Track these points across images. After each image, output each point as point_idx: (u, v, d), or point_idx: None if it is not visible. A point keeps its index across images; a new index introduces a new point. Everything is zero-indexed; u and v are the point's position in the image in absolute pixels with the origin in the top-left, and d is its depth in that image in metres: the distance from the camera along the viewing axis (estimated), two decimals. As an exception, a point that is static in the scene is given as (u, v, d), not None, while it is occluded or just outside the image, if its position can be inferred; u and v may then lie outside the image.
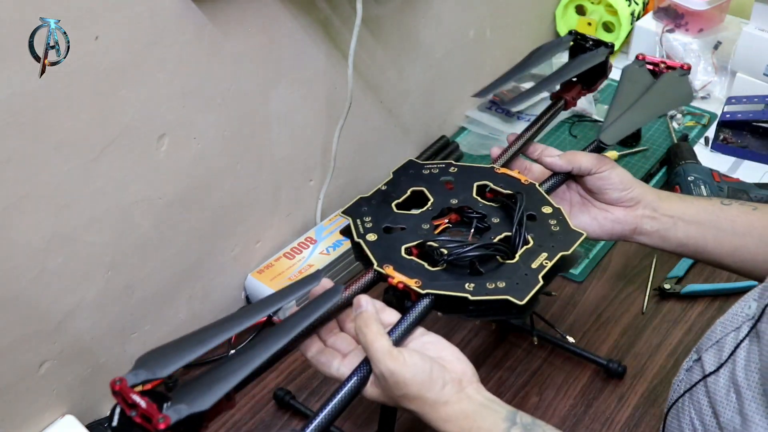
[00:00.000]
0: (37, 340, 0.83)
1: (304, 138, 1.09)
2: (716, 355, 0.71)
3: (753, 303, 0.69)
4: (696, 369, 0.73)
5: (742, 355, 0.67)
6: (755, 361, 0.65)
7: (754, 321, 0.67)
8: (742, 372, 0.66)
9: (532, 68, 0.97)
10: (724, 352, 0.69)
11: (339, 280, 1.14)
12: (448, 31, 1.29)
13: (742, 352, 0.67)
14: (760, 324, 0.65)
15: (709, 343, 0.73)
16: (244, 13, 0.90)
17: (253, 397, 0.99)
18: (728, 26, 1.52)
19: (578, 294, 1.12)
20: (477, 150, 1.40)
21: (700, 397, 0.70)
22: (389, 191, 0.84)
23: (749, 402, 0.64)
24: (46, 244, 0.80)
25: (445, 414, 0.64)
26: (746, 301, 0.71)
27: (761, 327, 0.65)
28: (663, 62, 0.97)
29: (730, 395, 0.66)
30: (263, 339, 0.58)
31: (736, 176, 1.27)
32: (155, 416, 0.51)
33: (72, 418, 0.90)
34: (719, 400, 0.67)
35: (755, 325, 0.66)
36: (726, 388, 0.67)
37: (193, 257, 1.00)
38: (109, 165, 0.82)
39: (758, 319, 0.66)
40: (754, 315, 0.68)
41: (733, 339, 0.70)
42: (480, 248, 0.73)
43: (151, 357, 0.56)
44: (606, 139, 0.88)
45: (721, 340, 0.71)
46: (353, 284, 0.73)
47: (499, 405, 0.66)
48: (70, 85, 0.75)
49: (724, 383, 0.67)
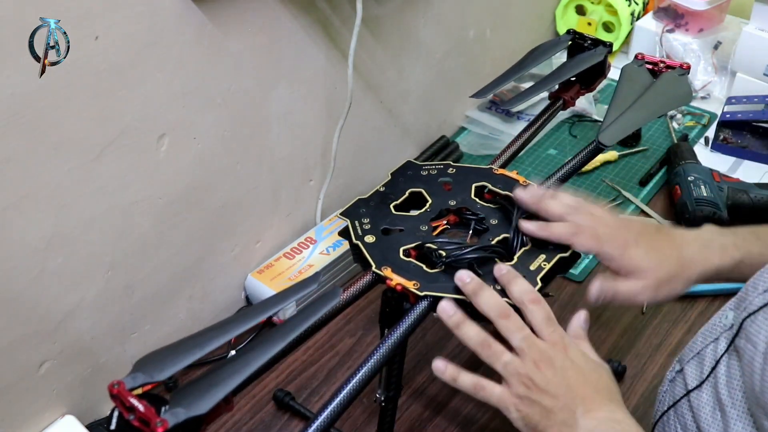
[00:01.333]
0: (37, 340, 0.83)
1: (304, 138, 1.09)
2: (698, 368, 0.69)
3: (730, 313, 0.68)
4: (679, 381, 0.72)
5: (722, 370, 0.66)
6: (737, 379, 0.64)
7: (732, 334, 0.66)
8: (725, 389, 0.64)
9: (531, 68, 0.97)
10: (705, 366, 0.68)
11: (339, 280, 1.14)
12: (448, 31, 1.29)
13: (722, 368, 0.66)
14: (739, 340, 0.64)
15: (691, 354, 0.72)
16: (244, 13, 0.90)
17: (253, 398, 0.99)
18: (728, 26, 1.52)
19: (578, 294, 1.12)
20: (477, 150, 1.40)
21: (685, 412, 0.69)
22: (387, 192, 0.84)
23: (735, 421, 0.62)
24: (46, 244, 0.80)
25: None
26: (723, 311, 0.70)
27: (740, 344, 0.64)
28: (662, 61, 0.97)
29: (716, 413, 0.65)
30: (262, 341, 0.58)
31: (736, 176, 1.27)
32: (153, 420, 0.51)
33: (72, 418, 0.90)
34: (704, 417, 0.66)
35: (733, 340, 0.65)
36: (710, 405, 0.66)
37: (193, 257, 1.00)
38: (109, 165, 0.82)
39: (736, 334, 0.65)
40: (731, 325, 0.67)
41: (712, 351, 0.68)
42: (478, 250, 0.74)
43: (150, 360, 0.56)
44: (605, 139, 0.88)
45: (701, 351, 0.70)
46: (351, 286, 0.73)
47: None
48: (70, 85, 0.75)
49: (708, 399, 0.66)
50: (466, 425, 0.96)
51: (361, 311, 1.11)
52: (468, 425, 0.96)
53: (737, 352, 0.64)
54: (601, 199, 1.28)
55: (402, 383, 0.84)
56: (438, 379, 1.02)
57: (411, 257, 0.75)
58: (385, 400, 0.83)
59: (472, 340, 0.67)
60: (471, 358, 0.77)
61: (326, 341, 1.07)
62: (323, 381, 1.02)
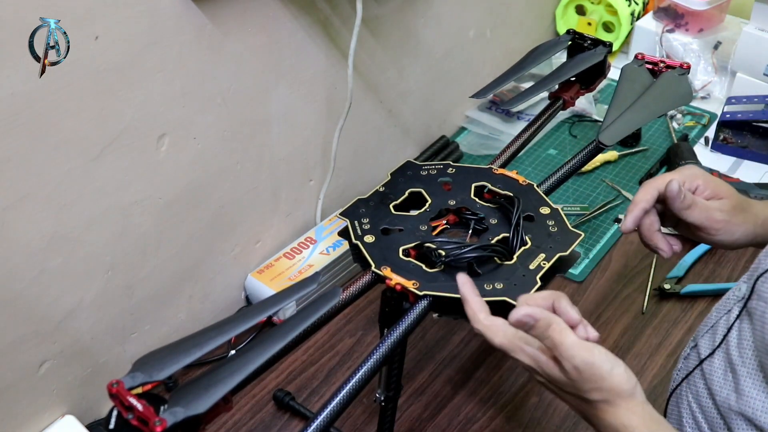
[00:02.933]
0: (37, 340, 0.83)
1: (304, 138, 1.09)
2: (710, 339, 0.71)
3: (743, 285, 0.70)
4: (692, 356, 0.74)
5: (734, 335, 0.67)
6: (747, 339, 0.65)
7: (745, 301, 0.68)
8: (736, 350, 0.66)
9: (531, 68, 0.97)
10: (717, 336, 0.70)
11: (339, 280, 1.14)
12: (448, 31, 1.29)
13: (734, 333, 0.68)
14: (751, 302, 0.66)
15: (705, 329, 0.73)
16: (244, 12, 0.91)
17: (253, 397, 0.99)
18: (728, 26, 1.52)
19: (578, 294, 1.12)
20: (477, 150, 1.40)
21: (697, 381, 0.71)
22: (387, 192, 0.84)
23: (745, 378, 0.64)
24: (46, 244, 0.80)
25: (638, 410, 0.60)
26: (738, 284, 0.72)
27: (751, 305, 0.66)
28: (662, 61, 0.97)
29: (727, 375, 0.67)
30: (262, 341, 0.58)
31: (736, 176, 1.27)
32: (152, 419, 0.51)
33: (72, 418, 0.90)
34: (716, 380, 0.67)
35: (746, 305, 0.67)
36: (722, 369, 0.68)
37: (193, 257, 1.00)
38: (109, 165, 0.83)
39: (748, 298, 0.67)
40: (744, 296, 0.69)
41: (725, 321, 0.70)
42: (478, 249, 0.73)
43: (149, 360, 0.56)
44: (605, 139, 0.88)
45: (714, 324, 0.72)
46: (351, 286, 0.73)
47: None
48: (70, 85, 0.75)
49: (719, 364, 0.68)
50: (466, 425, 0.96)
51: (361, 311, 1.11)
52: (468, 425, 0.96)
53: (749, 314, 0.66)
54: (601, 199, 1.28)
55: (402, 383, 0.84)
56: (438, 378, 1.03)
57: (410, 257, 0.75)
58: (385, 400, 0.83)
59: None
60: (471, 357, 0.77)
61: (326, 341, 1.07)
62: (323, 381, 1.02)
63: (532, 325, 0.61)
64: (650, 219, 0.76)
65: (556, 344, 0.60)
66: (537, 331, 0.60)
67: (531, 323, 0.61)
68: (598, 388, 0.60)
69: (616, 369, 0.60)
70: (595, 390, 0.60)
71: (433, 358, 1.04)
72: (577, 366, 0.59)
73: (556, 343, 0.60)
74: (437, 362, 1.04)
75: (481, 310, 0.65)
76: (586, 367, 0.59)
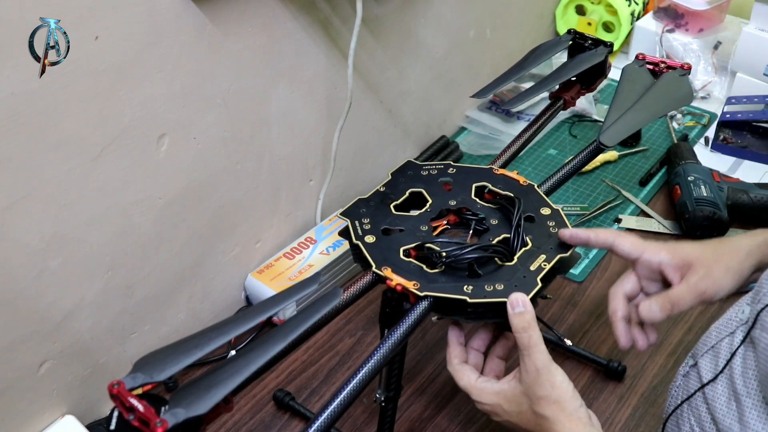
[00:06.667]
0: (37, 340, 0.83)
1: (304, 138, 1.09)
2: (713, 362, 0.70)
3: (746, 307, 0.70)
4: (693, 375, 0.73)
5: (738, 362, 0.67)
6: (752, 369, 0.65)
7: (749, 327, 0.67)
8: (741, 379, 0.65)
9: (531, 68, 0.97)
10: (720, 359, 0.69)
11: (339, 280, 1.14)
12: (448, 31, 1.29)
13: (738, 359, 0.67)
14: (754, 331, 0.65)
15: (705, 348, 0.73)
16: (244, 13, 0.90)
17: (253, 398, 0.99)
18: (728, 26, 1.52)
19: (578, 294, 1.12)
20: (477, 150, 1.40)
21: (699, 404, 0.70)
22: (388, 192, 0.84)
23: (750, 410, 0.64)
24: (46, 244, 0.80)
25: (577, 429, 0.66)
26: (740, 305, 0.71)
27: (755, 334, 0.65)
28: (663, 62, 0.97)
29: (731, 404, 0.66)
30: (262, 342, 0.58)
31: (736, 176, 1.27)
32: (153, 420, 0.51)
33: (72, 418, 0.90)
34: (719, 408, 0.67)
35: (749, 332, 0.66)
36: (726, 396, 0.67)
37: (193, 257, 1.00)
38: (109, 165, 0.82)
39: (752, 326, 0.66)
40: (747, 320, 0.68)
41: (728, 344, 0.69)
42: (478, 250, 0.73)
43: (150, 360, 0.56)
44: (606, 140, 0.88)
45: (716, 345, 0.71)
46: (352, 286, 0.73)
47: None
48: (71, 85, 0.75)
49: (723, 391, 0.68)
50: (466, 425, 0.96)
51: (361, 311, 1.11)
52: (468, 425, 0.96)
53: (753, 343, 0.65)
54: (601, 199, 1.28)
55: (402, 383, 0.84)
56: (438, 378, 1.03)
57: (411, 257, 0.75)
58: (385, 401, 0.83)
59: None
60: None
61: (326, 341, 1.07)
62: (323, 381, 1.02)
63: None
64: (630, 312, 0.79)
65: (531, 344, 0.68)
66: (527, 316, 0.69)
67: (513, 307, 0.69)
68: (547, 396, 0.67)
69: (566, 384, 0.67)
70: (544, 399, 0.67)
71: (433, 358, 1.04)
72: (538, 368, 0.67)
73: (532, 344, 0.68)
74: (437, 362, 1.04)
75: (456, 356, 0.74)
76: (544, 371, 0.67)
